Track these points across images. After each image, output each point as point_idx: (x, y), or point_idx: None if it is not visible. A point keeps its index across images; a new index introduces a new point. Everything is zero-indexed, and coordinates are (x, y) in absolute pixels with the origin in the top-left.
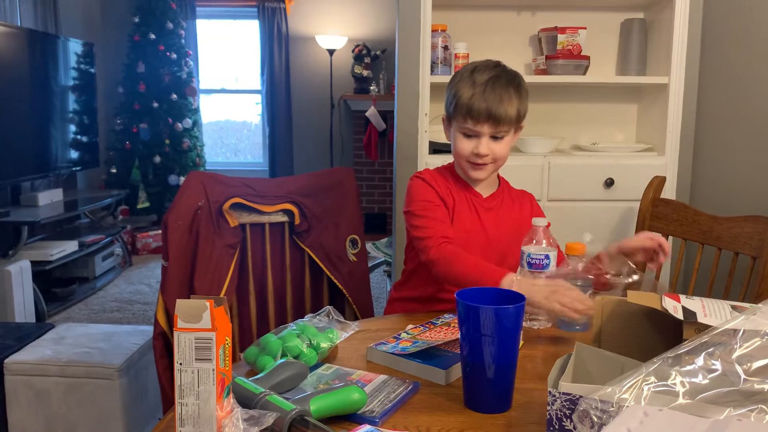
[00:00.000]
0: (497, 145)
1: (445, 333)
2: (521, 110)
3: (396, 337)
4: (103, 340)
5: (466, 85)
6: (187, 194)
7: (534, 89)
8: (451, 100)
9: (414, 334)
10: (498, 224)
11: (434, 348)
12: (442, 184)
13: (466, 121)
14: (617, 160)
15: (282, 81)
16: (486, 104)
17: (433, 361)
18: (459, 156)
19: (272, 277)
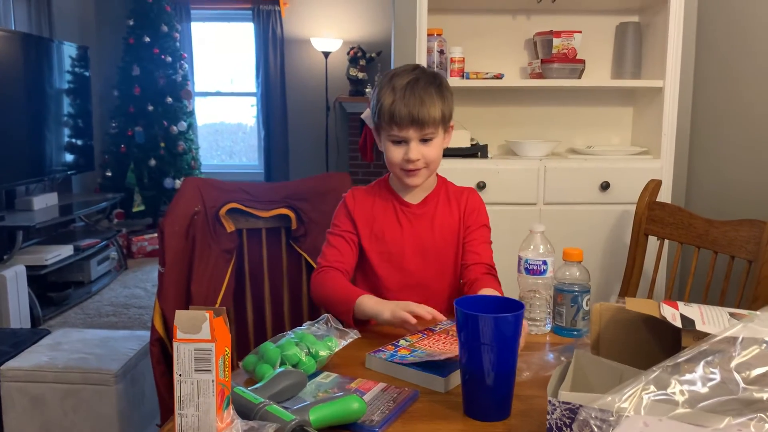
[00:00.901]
0: (427, 148)
1: (444, 342)
2: (445, 111)
3: (394, 345)
4: (99, 346)
5: (387, 91)
6: (183, 200)
7: (529, 93)
8: (375, 109)
9: (412, 342)
10: (431, 230)
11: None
12: (365, 202)
13: (392, 128)
14: (613, 163)
15: (277, 83)
16: (407, 108)
17: (432, 369)
18: (392, 165)
19: (269, 283)
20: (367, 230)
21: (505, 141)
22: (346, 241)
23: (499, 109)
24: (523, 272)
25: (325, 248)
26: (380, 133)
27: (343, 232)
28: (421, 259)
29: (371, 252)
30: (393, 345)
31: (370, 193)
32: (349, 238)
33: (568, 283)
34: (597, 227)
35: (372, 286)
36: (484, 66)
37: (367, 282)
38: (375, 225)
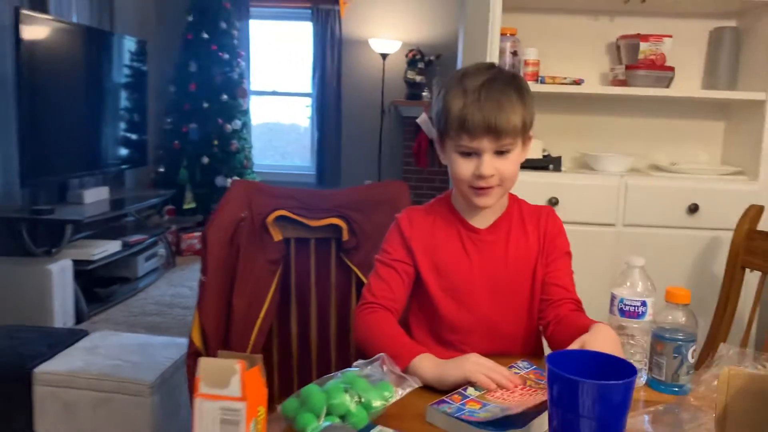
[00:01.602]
0: (503, 162)
1: (521, 393)
2: (526, 118)
3: (461, 395)
4: (136, 352)
5: (457, 93)
6: (230, 205)
7: (609, 102)
8: (440, 114)
9: (482, 392)
10: (504, 261)
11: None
12: (423, 226)
13: (461, 138)
14: (702, 183)
15: (333, 84)
16: (482, 114)
17: (507, 426)
18: (458, 181)
19: (316, 298)
20: (427, 260)
21: (580, 153)
22: (398, 273)
23: (574, 117)
24: (617, 313)
25: (373, 279)
26: (445, 142)
27: (395, 262)
28: (492, 296)
29: (432, 286)
30: (460, 395)
31: (429, 213)
32: (402, 269)
33: (670, 329)
34: (682, 255)
35: (430, 323)
36: (560, 70)
37: (425, 318)
38: (437, 254)
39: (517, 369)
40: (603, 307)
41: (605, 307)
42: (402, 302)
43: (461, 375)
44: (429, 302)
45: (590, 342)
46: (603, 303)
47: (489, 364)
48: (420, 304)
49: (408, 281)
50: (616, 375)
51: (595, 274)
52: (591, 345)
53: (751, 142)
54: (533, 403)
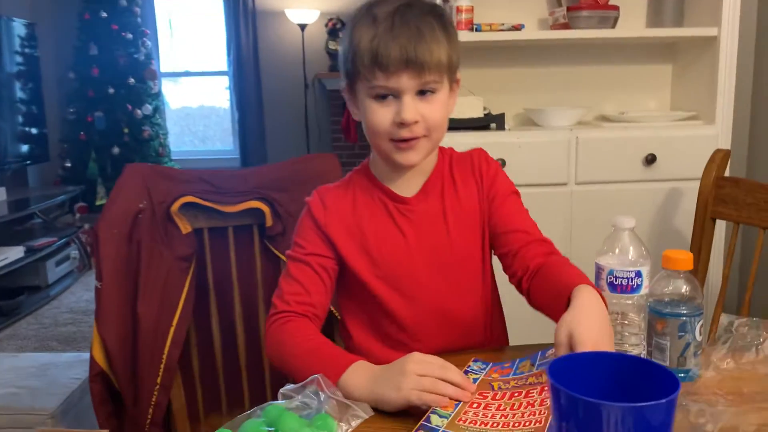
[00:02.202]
0: (427, 106)
1: (501, 406)
2: (452, 54)
3: (427, 427)
4: (35, 376)
5: (365, 24)
6: (124, 194)
7: (550, 50)
8: (347, 53)
9: (450, 416)
10: (445, 230)
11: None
12: (341, 206)
13: (375, 76)
14: (657, 131)
15: (250, 61)
16: (398, 43)
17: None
18: (376, 134)
19: (240, 295)
20: (353, 246)
21: (523, 109)
22: (314, 270)
23: (515, 70)
24: (606, 288)
25: (283, 282)
26: (356, 89)
27: (309, 256)
28: (438, 276)
29: (366, 276)
30: (425, 428)
31: (346, 189)
32: (320, 265)
33: (670, 303)
34: (642, 210)
35: (372, 322)
36: (496, 17)
37: (365, 317)
38: (364, 237)
39: (472, 374)
40: None
41: None
42: (323, 306)
43: (400, 399)
44: (366, 297)
45: (575, 327)
46: None
47: (433, 369)
48: (356, 301)
49: (329, 278)
50: (647, 383)
51: (552, 240)
52: (577, 329)
53: (703, 84)
54: (524, 422)
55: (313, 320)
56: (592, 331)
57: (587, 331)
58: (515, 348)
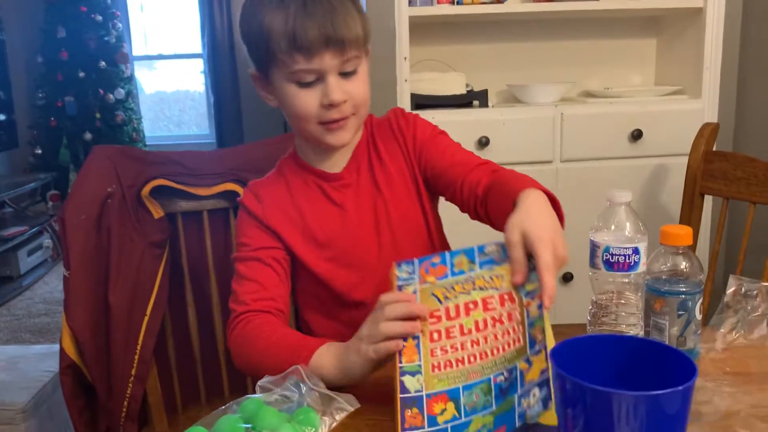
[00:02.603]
0: (352, 84)
1: (471, 336)
2: (365, 25)
3: (411, 401)
4: (5, 370)
5: (272, 7)
6: (91, 178)
7: (535, 25)
8: (257, 39)
9: (419, 367)
10: (382, 199)
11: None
12: (276, 196)
13: (295, 60)
14: (643, 107)
15: (225, 42)
16: (315, 22)
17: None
18: (302, 119)
19: (217, 282)
20: (296, 234)
21: (506, 86)
22: (266, 264)
23: (496, 46)
24: (602, 266)
25: (235, 286)
26: (271, 76)
27: (258, 251)
28: (384, 246)
29: (314, 261)
30: (407, 400)
31: (277, 180)
32: (271, 257)
33: (669, 281)
34: (630, 187)
35: (328, 309)
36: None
37: (320, 305)
38: (305, 222)
39: (406, 285)
40: None
41: None
42: (284, 298)
43: (363, 361)
44: (317, 283)
45: (529, 226)
46: None
47: (377, 317)
48: (309, 292)
49: (283, 270)
50: (659, 368)
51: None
52: (532, 228)
53: (688, 58)
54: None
55: (277, 315)
56: (546, 229)
57: (542, 230)
58: None
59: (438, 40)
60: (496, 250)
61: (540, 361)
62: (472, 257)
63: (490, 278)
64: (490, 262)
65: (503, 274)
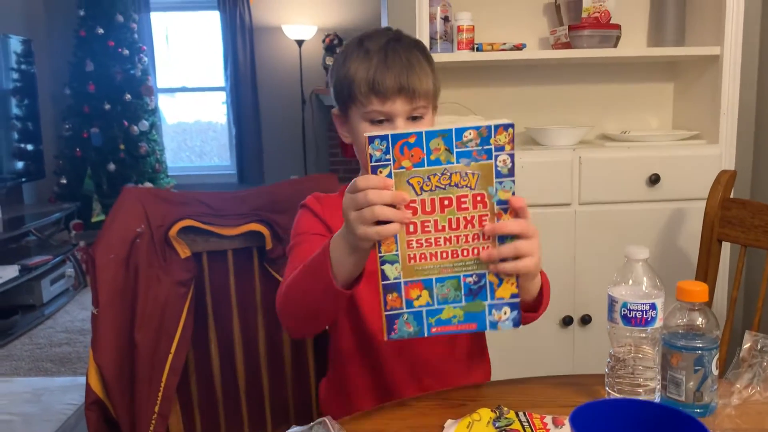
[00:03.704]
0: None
1: (444, 234)
2: (436, 83)
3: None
4: (30, 402)
5: (359, 57)
6: (121, 218)
7: (551, 69)
8: (342, 84)
9: (397, 255)
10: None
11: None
12: (334, 208)
13: (371, 102)
14: (661, 151)
15: (247, 76)
16: (392, 73)
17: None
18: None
19: (239, 320)
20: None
21: (525, 128)
22: (319, 242)
23: (515, 89)
24: (620, 321)
25: (290, 268)
26: (349, 114)
27: (312, 236)
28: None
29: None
30: (387, 287)
31: (338, 198)
32: (324, 238)
33: (686, 336)
34: (646, 231)
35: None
36: (496, 36)
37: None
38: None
39: (382, 166)
40: (567, 298)
41: (568, 295)
42: None
43: (358, 242)
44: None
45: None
46: (567, 293)
47: (359, 200)
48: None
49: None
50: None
51: (556, 261)
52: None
53: (705, 103)
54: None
55: None
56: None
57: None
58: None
59: (458, 84)
60: (475, 138)
61: (511, 284)
62: (449, 143)
63: (466, 174)
64: (468, 155)
65: (478, 172)
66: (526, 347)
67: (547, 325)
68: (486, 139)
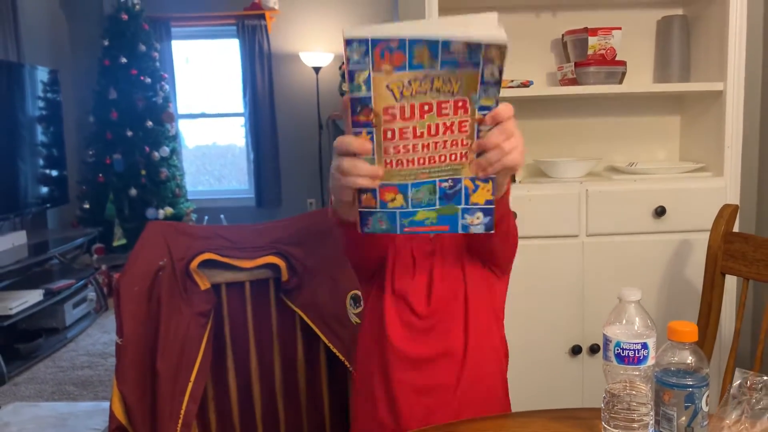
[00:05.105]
0: None
1: (423, 140)
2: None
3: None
4: (55, 426)
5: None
6: (145, 251)
7: (559, 103)
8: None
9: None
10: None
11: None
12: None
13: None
14: (667, 183)
15: (266, 102)
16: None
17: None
18: None
19: (256, 349)
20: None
21: (533, 160)
22: None
23: (523, 123)
24: (614, 359)
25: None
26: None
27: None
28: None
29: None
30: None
31: None
32: None
33: (676, 373)
34: (652, 262)
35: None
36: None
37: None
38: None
39: (360, 70)
40: (575, 327)
41: (576, 324)
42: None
43: (341, 196)
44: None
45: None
46: (575, 322)
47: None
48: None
49: None
50: None
51: (563, 292)
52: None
53: (710, 136)
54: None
55: None
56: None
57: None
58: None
59: None
60: (463, 50)
61: (487, 190)
62: (435, 51)
63: (449, 80)
64: (453, 63)
65: (463, 79)
66: (534, 376)
67: (556, 354)
68: (476, 52)
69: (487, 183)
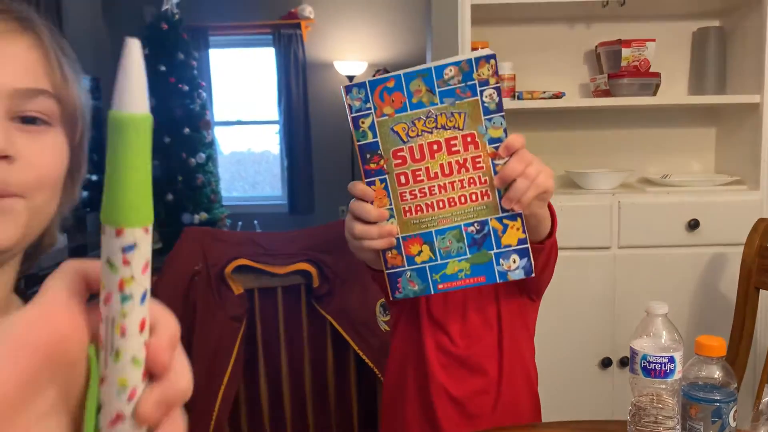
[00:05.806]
0: None
1: (438, 181)
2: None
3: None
4: None
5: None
6: (182, 256)
7: (592, 114)
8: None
9: (392, 209)
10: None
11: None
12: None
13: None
14: (701, 197)
15: (300, 110)
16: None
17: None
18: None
19: (287, 354)
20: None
21: (565, 171)
22: None
23: (556, 134)
24: (640, 372)
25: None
26: None
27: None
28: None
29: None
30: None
31: None
32: None
33: (704, 387)
34: (685, 275)
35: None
36: (537, 84)
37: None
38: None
39: (363, 117)
40: (606, 340)
41: (607, 336)
42: None
43: (361, 257)
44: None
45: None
46: (606, 335)
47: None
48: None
49: None
50: None
51: (594, 304)
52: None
53: (746, 149)
54: (468, 195)
55: None
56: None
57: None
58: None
59: None
60: (456, 75)
61: (516, 228)
62: (430, 84)
63: (452, 115)
64: (451, 94)
65: (465, 111)
66: (565, 388)
67: (586, 366)
68: (468, 74)
69: (515, 221)
